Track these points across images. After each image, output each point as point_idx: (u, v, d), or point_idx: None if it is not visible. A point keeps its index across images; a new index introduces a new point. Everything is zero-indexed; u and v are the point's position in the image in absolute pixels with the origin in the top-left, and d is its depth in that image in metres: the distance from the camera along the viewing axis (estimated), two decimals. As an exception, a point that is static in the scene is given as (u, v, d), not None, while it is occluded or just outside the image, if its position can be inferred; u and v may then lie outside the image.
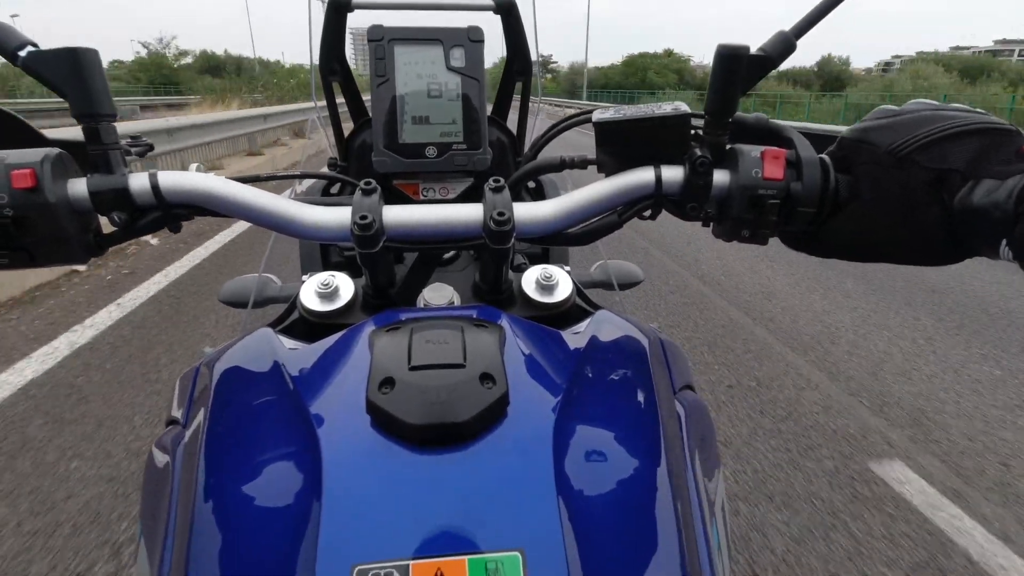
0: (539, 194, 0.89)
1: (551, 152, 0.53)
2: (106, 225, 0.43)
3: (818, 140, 0.46)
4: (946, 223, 0.39)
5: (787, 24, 0.43)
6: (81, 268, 3.36)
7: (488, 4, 0.75)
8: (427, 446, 0.32)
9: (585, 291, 0.66)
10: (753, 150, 0.43)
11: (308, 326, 0.56)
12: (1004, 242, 0.35)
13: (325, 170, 0.79)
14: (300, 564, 0.29)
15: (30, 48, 0.40)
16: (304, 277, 0.60)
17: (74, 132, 0.42)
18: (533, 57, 0.79)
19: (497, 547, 0.28)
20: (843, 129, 0.45)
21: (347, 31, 0.77)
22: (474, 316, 0.43)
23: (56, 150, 0.40)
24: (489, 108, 0.70)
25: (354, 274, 0.59)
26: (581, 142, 1.00)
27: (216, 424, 0.38)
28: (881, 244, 0.43)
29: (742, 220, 0.44)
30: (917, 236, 0.41)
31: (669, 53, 55.81)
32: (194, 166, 0.46)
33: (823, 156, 0.44)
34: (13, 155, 0.38)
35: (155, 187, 0.42)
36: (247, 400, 0.40)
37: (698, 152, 0.44)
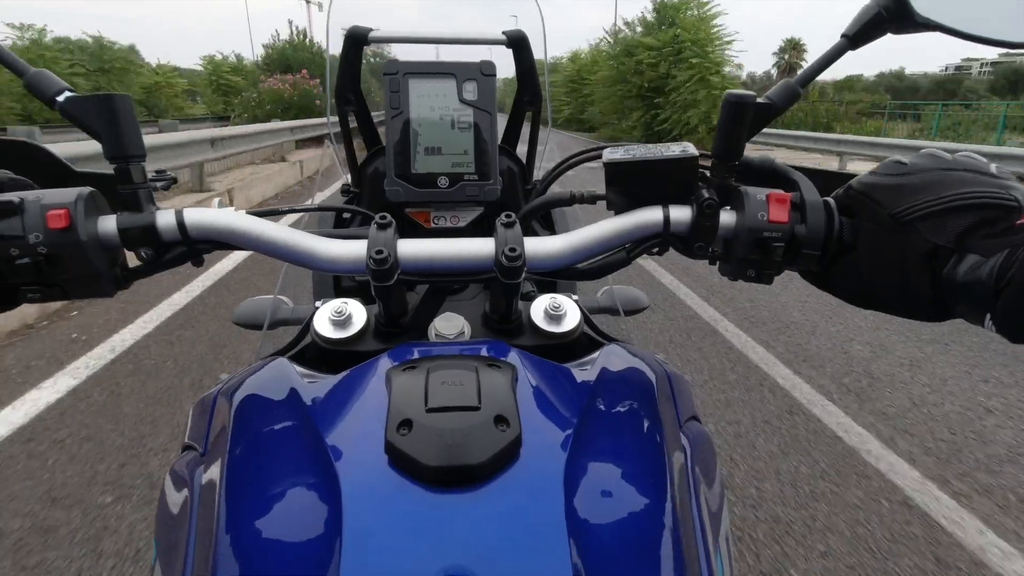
0: (548, 221, 0.91)
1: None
2: (132, 259, 0.45)
3: (821, 179, 0.47)
4: (935, 290, 0.40)
5: None
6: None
7: (500, 39, 0.76)
8: (443, 487, 0.33)
9: (592, 317, 0.67)
10: (759, 192, 0.44)
11: (321, 352, 0.58)
12: (988, 316, 0.36)
13: (340, 199, 0.81)
14: None
15: (68, 93, 0.41)
16: (317, 303, 0.61)
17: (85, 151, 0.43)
18: (542, 84, 0.81)
19: None
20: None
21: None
22: (486, 353, 0.44)
23: (88, 189, 0.41)
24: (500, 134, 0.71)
25: (366, 301, 0.60)
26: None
27: (236, 456, 0.39)
28: (875, 294, 0.44)
29: (748, 260, 0.45)
30: (907, 294, 0.42)
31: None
32: (216, 201, 0.48)
33: (828, 199, 0.45)
34: (48, 195, 0.40)
35: (181, 224, 0.43)
36: (267, 433, 0.41)
37: (705, 194, 0.45)
